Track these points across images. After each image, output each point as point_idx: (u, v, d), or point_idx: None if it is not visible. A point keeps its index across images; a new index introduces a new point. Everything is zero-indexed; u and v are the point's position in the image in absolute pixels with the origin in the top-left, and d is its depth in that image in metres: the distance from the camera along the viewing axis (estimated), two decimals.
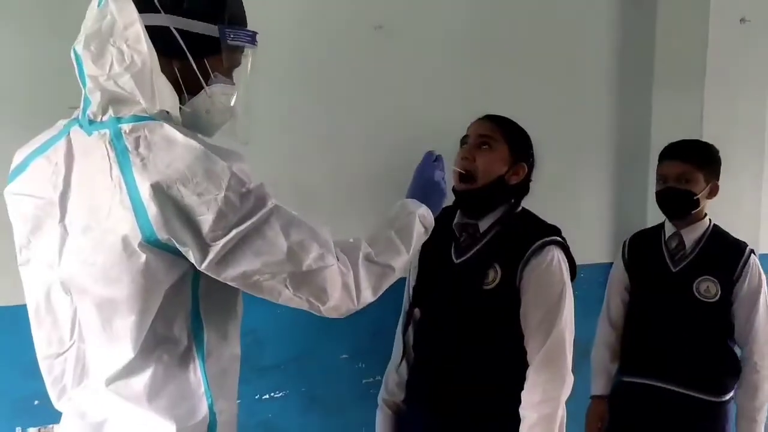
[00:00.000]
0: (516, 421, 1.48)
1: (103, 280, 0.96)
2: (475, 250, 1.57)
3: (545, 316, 1.48)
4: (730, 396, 1.96)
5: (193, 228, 0.91)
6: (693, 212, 1.94)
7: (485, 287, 1.51)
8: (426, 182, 1.34)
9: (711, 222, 1.99)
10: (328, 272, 1.00)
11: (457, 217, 1.63)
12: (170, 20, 1.00)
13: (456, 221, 1.62)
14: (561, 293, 1.50)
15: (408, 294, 1.72)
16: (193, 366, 1.03)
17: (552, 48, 2.27)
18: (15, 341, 1.32)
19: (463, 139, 1.63)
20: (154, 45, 0.96)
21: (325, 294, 1.01)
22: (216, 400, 1.04)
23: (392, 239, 1.15)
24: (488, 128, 1.59)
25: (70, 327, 1.06)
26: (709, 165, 1.94)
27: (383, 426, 1.72)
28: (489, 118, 1.62)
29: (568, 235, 1.59)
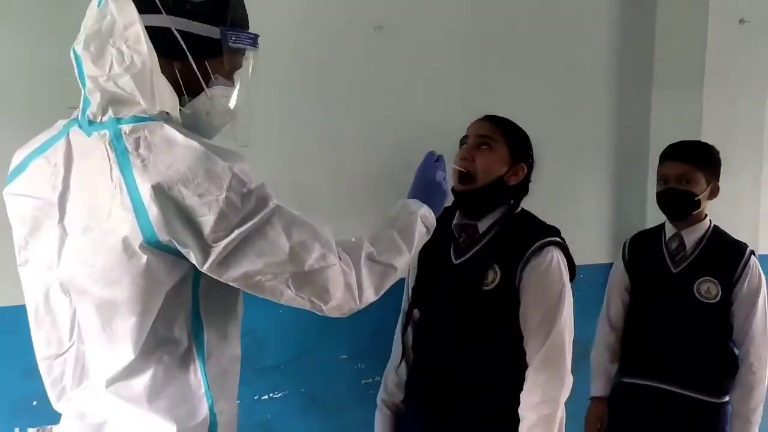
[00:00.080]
0: (515, 421, 1.47)
1: (103, 282, 0.95)
2: (474, 250, 1.57)
3: (544, 316, 1.48)
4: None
5: (195, 229, 0.91)
6: (694, 213, 1.94)
7: (485, 288, 1.51)
8: (427, 183, 1.33)
9: (711, 223, 1.99)
10: (330, 272, 1.00)
11: (456, 217, 1.62)
12: (172, 21, 0.99)
13: (455, 222, 1.62)
14: (560, 294, 1.50)
15: (407, 294, 1.72)
16: (194, 367, 1.02)
17: (552, 48, 2.27)
18: (14, 342, 1.32)
19: (463, 139, 1.63)
20: (155, 46, 0.95)
21: (328, 294, 1.00)
22: (216, 401, 1.04)
23: (394, 239, 1.15)
24: (488, 128, 1.59)
25: (70, 328, 1.06)
26: (710, 166, 1.94)
27: (382, 426, 1.72)
28: (489, 118, 1.62)
29: (567, 235, 1.58)
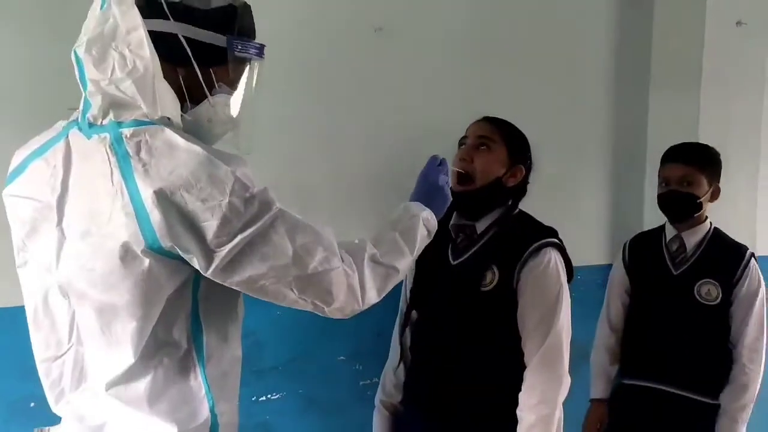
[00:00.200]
0: (515, 421, 1.48)
1: (102, 285, 0.95)
2: (472, 251, 1.57)
3: (542, 317, 1.49)
4: None
5: (198, 234, 0.90)
6: (695, 215, 1.95)
7: (483, 289, 1.51)
8: (430, 186, 1.33)
9: (712, 225, 1.99)
10: (333, 274, 1.00)
11: (454, 218, 1.62)
12: (179, 28, 0.99)
13: (452, 222, 1.62)
14: (558, 295, 1.50)
15: (405, 296, 1.72)
16: (194, 369, 1.02)
17: (550, 48, 2.27)
18: (12, 343, 1.32)
19: (462, 140, 1.63)
20: (160, 51, 0.95)
21: (331, 296, 1.01)
22: (217, 402, 1.04)
23: (396, 240, 1.15)
24: (487, 130, 1.59)
25: (69, 330, 1.05)
26: (712, 168, 1.95)
27: (380, 427, 1.72)
28: (488, 119, 1.62)
29: (565, 236, 1.59)
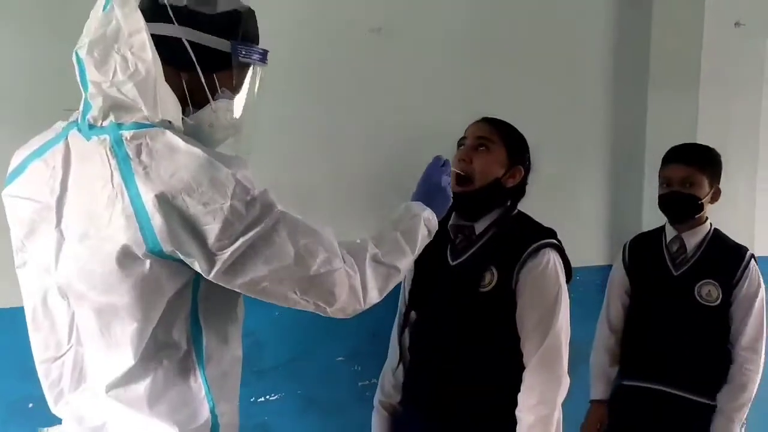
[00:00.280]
0: (514, 422, 1.48)
1: (101, 287, 0.94)
2: (471, 252, 1.57)
3: (541, 318, 1.49)
4: None
5: (199, 238, 0.90)
6: (696, 216, 1.95)
7: (482, 289, 1.51)
8: (432, 186, 1.34)
9: (712, 226, 2.00)
10: (335, 275, 1.00)
11: (453, 218, 1.62)
12: (183, 32, 0.98)
13: (451, 222, 1.62)
14: (557, 296, 1.50)
15: (404, 296, 1.72)
16: (194, 370, 1.02)
17: (550, 48, 2.27)
18: (12, 343, 1.31)
19: (461, 140, 1.63)
20: (164, 55, 0.94)
21: (333, 297, 1.01)
22: (218, 403, 1.04)
23: (397, 240, 1.16)
24: (486, 130, 1.59)
25: (68, 331, 1.05)
26: (713, 169, 1.95)
27: (379, 428, 1.72)
28: (487, 120, 1.62)
29: (564, 236, 1.59)
